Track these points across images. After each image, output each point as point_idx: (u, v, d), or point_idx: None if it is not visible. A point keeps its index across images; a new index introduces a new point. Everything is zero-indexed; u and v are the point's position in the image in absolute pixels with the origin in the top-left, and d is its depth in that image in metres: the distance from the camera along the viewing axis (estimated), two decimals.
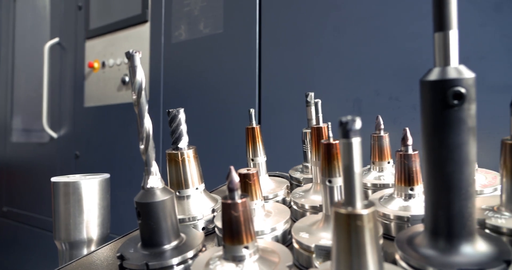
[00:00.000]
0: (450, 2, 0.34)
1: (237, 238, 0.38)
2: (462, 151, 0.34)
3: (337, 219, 0.30)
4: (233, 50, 1.26)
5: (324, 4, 1.06)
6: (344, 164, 0.30)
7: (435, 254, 0.37)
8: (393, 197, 0.53)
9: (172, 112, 0.57)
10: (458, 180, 0.35)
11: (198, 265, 0.40)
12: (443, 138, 0.34)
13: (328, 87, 1.05)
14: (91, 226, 0.74)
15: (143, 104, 0.44)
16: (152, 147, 0.45)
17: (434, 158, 0.35)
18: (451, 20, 0.34)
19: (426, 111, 0.35)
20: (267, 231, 0.50)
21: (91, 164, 1.86)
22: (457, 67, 0.35)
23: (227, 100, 1.28)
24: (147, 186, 0.45)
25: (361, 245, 0.30)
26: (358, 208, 0.30)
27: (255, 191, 0.52)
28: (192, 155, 0.60)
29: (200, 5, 1.35)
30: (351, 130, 0.29)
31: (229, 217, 0.38)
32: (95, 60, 1.79)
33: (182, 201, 0.59)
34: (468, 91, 0.33)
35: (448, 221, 0.36)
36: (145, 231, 0.45)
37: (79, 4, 1.88)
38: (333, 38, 1.05)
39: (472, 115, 0.34)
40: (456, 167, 0.34)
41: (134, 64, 0.43)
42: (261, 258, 0.39)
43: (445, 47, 0.35)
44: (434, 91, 0.34)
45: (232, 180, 0.38)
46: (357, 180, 0.30)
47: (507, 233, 0.43)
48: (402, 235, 0.41)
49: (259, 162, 0.67)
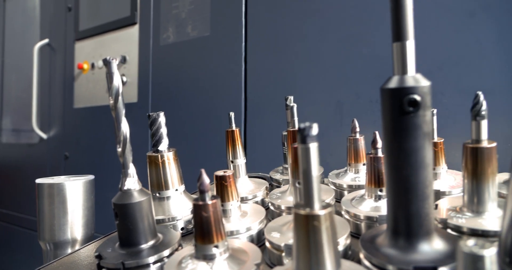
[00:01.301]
0: (407, 15, 0.36)
1: (207, 237, 0.40)
2: (418, 155, 0.36)
3: (296, 220, 0.32)
4: (220, 53, 1.27)
5: (307, 9, 1.08)
6: (302, 168, 0.32)
7: (395, 252, 0.39)
8: (364, 198, 0.55)
9: (152, 115, 0.59)
10: (414, 183, 0.37)
11: (171, 263, 0.42)
12: (400, 143, 0.36)
13: (311, 90, 1.07)
14: (75, 226, 0.76)
15: (120, 108, 0.46)
16: (129, 150, 0.47)
17: (393, 162, 0.37)
18: (407, 31, 0.36)
19: (385, 117, 0.37)
20: (242, 230, 0.52)
21: (80, 165, 1.87)
22: (414, 75, 0.37)
23: (214, 102, 1.30)
24: (124, 188, 0.47)
25: (318, 244, 0.32)
26: (316, 209, 0.32)
27: (231, 192, 0.54)
28: (172, 157, 0.61)
29: (187, 8, 1.36)
30: (309, 135, 0.31)
31: (200, 217, 0.39)
32: (84, 61, 1.80)
33: (162, 202, 0.61)
34: (423, 99, 0.35)
35: (407, 221, 0.38)
36: (123, 231, 0.47)
37: (69, 5, 1.89)
38: (316, 42, 1.07)
39: (428, 121, 0.36)
40: (413, 170, 0.36)
41: (111, 71, 0.44)
42: (231, 256, 0.41)
43: (402, 57, 0.37)
44: (392, 98, 0.36)
45: (203, 183, 0.39)
46: (314, 183, 0.32)
47: (467, 232, 0.45)
48: (366, 235, 0.43)
49: (238, 164, 0.69)
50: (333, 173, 0.73)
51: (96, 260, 0.47)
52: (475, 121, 0.46)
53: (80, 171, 1.79)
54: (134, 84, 1.57)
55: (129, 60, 1.59)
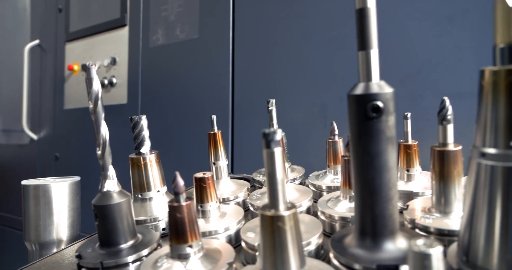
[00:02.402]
0: (371, 26, 0.38)
1: (182, 238, 0.41)
2: (381, 159, 0.38)
3: (262, 220, 0.34)
4: (207, 56, 1.29)
5: (293, 13, 1.10)
6: (267, 172, 0.33)
7: (361, 252, 0.40)
8: (339, 199, 0.57)
9: (134, 118, 0.60)
10: (378, 185, 0.38)
11: (147, 263, 0.43)
12: (364, 147, 0.38)
13: (296, 92, 1.09)
14: (61, 227, 0.77)
15: (100, 112, 0.47)
16: (108, 152, 0.48)
17: (358, 165, 0.39)
18: (371, 41, 0.38)
19: (351, 122, 0.39)
20: (220, 230, 0.54)
21: (71, 166, 1.87)
22: (378, 82, 0.39)
23: (202, 104, 1.31)
24: (103, 189, 0.48)
25: (283, 243, 0.33)
26: (281, 210, 0.33)
27: (210, 193, 0.55)
28: (154, 159, 0.63)
29: (176, 11, 1.38)
30: (273, 140, 0.33)
31: (174, 218, 0.41)
32: (74, 62, 1.81)
33: (145, 203, 0.62)
34: (385, 105, 0.37)
35: (372, 222, 0.40)
36: (102, 231, 0.48)
37: (59, 6, 1.90)
38: (301, 46, 1.09)
39: (391, 126, 0.38)
40: (377, 173, 0.38)
41: (91, 76, 0.45)
42: (205, 255, 0.43)
43: (367, 65, 0.39)
44: (357, 104, 0.38)
45: (177, 185, 0.41)
46: (279, 185, 0.33)
47: (434, 232, 0.47)
48: (337, 235, 0.45)
49: (220, 166, 0.71)
50: (313, 174, 0.75)
51: (77, 260, 0.48)
52: (441, 125, 0.48)
53: (71, 172, 1.80)
54: (123, 86, 1.58)
55: (119, 62, 1.60)
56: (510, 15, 0.31)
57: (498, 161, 0.32)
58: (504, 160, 0.32)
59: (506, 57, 0.32)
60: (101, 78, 1.67)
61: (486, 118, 0.33)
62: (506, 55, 0.32)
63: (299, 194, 0.63)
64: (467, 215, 0.36)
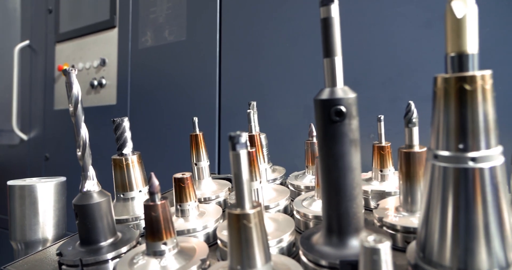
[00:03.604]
0: (335, 34, 0.40)
1: (157, 235, 0.43)
2: (345, 160, 0.40)
3: (229, 218, 0.36)
4: (195, 57, 1.31)
5: (278, 17, 1.12)
6: (233, 173, 0.35)
7: (328, 248, 0.42)
8: (314, 198, 0.59)
9: (116, 120, 0.62)
10: (343, 185, 0.41)
11: (124, 260, 0.45)
12: (329, 149, 0.40)
13: (282, 94, 1.11)
14: (46, 226, 0.78)
15: (80, 115, 0.49)
16: (88, 153, 0.50)
17: (324, 166, 0.41)
18: (336, 49, 0.40)
19: (317, 125, 0.41)
20: (199, 229, 0.56)
21: (61, 166, 1.88)
22: (342, 88, 0.41)
23: (190, 105, 1.33)
24: (84, 189, 0.50)
25: (248, 240, 0.35)
26: (246, 209, 0.35)
27: (189, 193, 0.57)
28: (136, 160, 0.64)
29: (165, 13, 1.39)
30: (238, 143, 0.35)
31: (150, 217, 0.43)
32: (64, 63, 1.81)
33: (127, 203, 0.64)
34: (348, 109, 0.39)
35: (338, 220, 0.42)
36: (82, 230, 0.50)
37: (49, 7, 1.90)
38: (286, 48, 1.11)
39: (354, 129, 0.40)
40: (341, 173, 0.40)
41: (71, 80, 0.47)
42: (180, 252, 0.44)
43: (332, 71, 0.41)
44: (322, 108, 0.40)
45: (152, 185, 0.43)
46: (245, 185, 0.35)
47: (400, 230, 0.49)
48: (306, 233, 0.47)
49: (202, 166, 0.72)
50: (293, 175, 0.77)
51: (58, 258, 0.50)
52: (407, 128, 0.50)
53: (60, 172, 1.80)
54: (113, 87, 1.59)
55: (108, 63, 1.62)
56: (458, 26, 0.34)
57: (450, 163, 0.34)
58: (455, 162, 0.34)
59: (456, 65, 0.34)
60: (91, 79, 1.68)
61: (439, 122, 0.35)
62: (456, 63, 0.34)
63: (277, 194, 0.65)
64: (423, 213, 0.38)
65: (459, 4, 0.33)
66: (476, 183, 0.34)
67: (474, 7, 0.34)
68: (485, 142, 0.34)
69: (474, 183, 0.34)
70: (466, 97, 0.33)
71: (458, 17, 0.33)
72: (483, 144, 0.34)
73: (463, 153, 0.34)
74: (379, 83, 0.96)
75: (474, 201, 0.34)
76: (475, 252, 0.34)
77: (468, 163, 0.33)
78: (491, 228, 0.34)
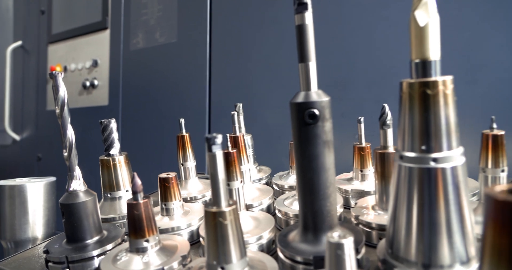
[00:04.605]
0: (309, 41, 0.42)
1: (139, 233, 0.45)
2: (318, 161, 0.42)
3: (206, 216, 0.38)
4: (186, 59, 1.32)
5: (267, 19, 1.14)
6: (210, 173, 0.37)
7: (304, 245, 0.44)
8: (295, 198, 0.61)
9: (103, 122, 0.64)
10: (317, 184, 0.42)
11: (108, 256, 0.47)
12: (303, 150, 0.42)
13: (270, 95, 1.13)
14: (36, 226, 0.80)
15: (66, 117, 0.50)
16: (74, 154, 0.51)
17: (299, 167, 0.43)
18: (310, 54, 0.42)
19: (292, 127, 0.43)
20: (183, 227, 0.57)
21: (53, 166, 1.89)
22: (316, 91, 0.43)
23: (180, 106, 1.35)
24: (70, 189, 0.51)
25: (224, 236, 0.37)
26: (222, 207, 0.37)
27: (174, 192, 0.59)
28: (123, 160, 0.66)
29: (156, 15, 1.41)
30: (214, 144, 0.36)
31: (132, 215, 0.45)
32: (57, 64, 1.82)
33: (114, 202, 0.65)
34: (321, 112, 0.41)
35: (312, 218, 0.44)
36: (69, 228, 0.52)
37: (42, 8, 1.91)
38: (275, 50, 1.13)
39: (327, 131, 0.42)
40: (315, 173, 0.42)
41: (57, 83, 0.49)
42: (162, 249, 0.46)
43: (306, 75, 0.43)
44: (296, 111, 0.42)
45: (135, 184, 0.44)
46: (221, 184, 0.37)
47: (375, 228, 0.51)
48: (284, 231, 0.49)
49: (188, 166, 0.74)
50: (278, 174, 0.79)
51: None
52: (382, 129, 0.52)
53: (53, 172, 1.81)
54: (105, 87, 1.60)
55: (100, 64, 1.63)
56: (421, 34, 0.36)
57: (414, 163, 0.36)
58: (418, 162, 0.36)
59: (420, 70, 0.36)
60: (83, 80, 1.69)
61: (404, 125, 0.37)
62: (420, 69, 0.36)
63: (260, 193, 0.67)
64: (391, 211, 0.40)
65: (422, 13, 0.35)
66: (439, 182, 0.36)
67: (436, 16, 0.36)
68: (446, 143, 0.36)
69: (437, 182, 0.36)
70: (429, 101, 0.35)
71: (421, 25, 0.35)
72: (445, 146, 0.36)
73: (426, 154, 0.36)
74: (364, 85, 0.99)
75: (436, 200, 0.36)
76: (438, 248, 0.36)
77: (430, 163, 0.35)
78: (452, 225, 0.36)
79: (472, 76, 0.83)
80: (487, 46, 0.82)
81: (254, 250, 0.50)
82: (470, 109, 0.84)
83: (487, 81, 0.82)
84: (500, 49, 0.81)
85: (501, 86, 0.81)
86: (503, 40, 0.81)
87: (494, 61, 0.82)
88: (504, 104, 0.81)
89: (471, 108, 0.83)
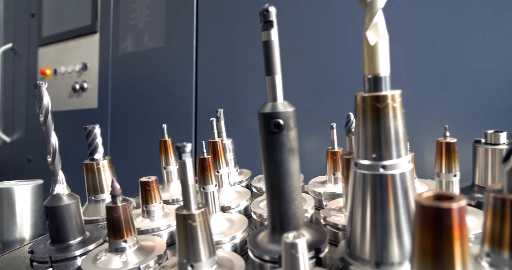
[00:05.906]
0: (275, 55, 0.45)
1: (118, 234, 0.48)
2: (283, 167, 0.45)
3: (177, 219, 0.41)
4: (173, 63, 1.35)
5: (253, 24, 1.17)
6: (180, 178, 0.40)
7: (271, 245, 0.48)
8: None
9: (88, 127, 0.67)
10: (282, 188, 0.46)
11: (89, 256, 0.50)
12: (270, 157, 0.45)
13: (257, 100, 1.16)
14: (24, 227, 0.82)
15: (50, 125, 0.53)
16: (58, 159, 0.54)
17: (266, 172, 0.47)
18: (276, 68, 0.46)
19: (260, 136, 0.46)
20: (163, 228, 0.60)
21: (43, 168, 1.91)
22: (282, 102, 0.46)
23: (167, 110, 1.37)
24: (54, 192, 0.54)
25: (194, 237, 0.40)
26: (192, 210, 0.40)
27: (154, 195, 0.62)
28: (107, 164, 0.69)
29: (144, 20, 1.44)
30: (184, 152, 0.40)
31: (111, 217, 0.48)
32: (47, 67, 1.84)
33: (98, 204, 0.68)
34: (285, 122, 0.45)
35: (279, 220, 0.47)
36: (53, 230, 0.55)
37: (32, 11, 1.93)
38: (260, 56, 1.16)
39: (292, 139, 0.45)
40: (280, 178, 0.46)
41: (41, 93, 0.52)
42: (139, 249, 0.49)
43: (273, 88, 0.46)
44: (263, 121, 0.45)
45: (114, 188, 0.48)
46: (190, 189, 0.40)
47: (341, 228, 0.55)
48: (255, 232, 0.52)
49: (171, 170, 0.77)
50: (257, 177, 0.82)
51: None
52: (347, 136, 0.55)
53: (43, 174, 1.83)
54: (94, 91, 1.63)
55: (90, 67, 1.65)
56: (372, 52, 0.39)
57: (367, 170, 0.40)
58: (370, 169, 0.40)
59: (372, 85, 0.40)
60: (73, 83, 1.71)
61: (359, 135, 0.41)
62: (372, 84, 0.40)
63: (238, 195, 0.70)
64: (348, 214, 0.43)
65: (372, 33, 0.39)
66: (389, 187, 0.39)
67: (385, 35, 0.39)
68: (395, 152, 0.39)
69: (387, 187, 0.39)
70: (379, 113, 0.39)
71: (371, 44, 0.39)
72: (394, 154, 0.39)
73: (376, 161, 0.39)
74: (344, 91, 1.02)
75: (387, 203, 0.39)
76: (389, 247, 0.40)
77: (380, 170, 0.39)
78: (402, 226, 0.39)
79: (444, 83, 0.87)
80: (459, 53, 0.86)
81: (228, 249, 0.53)
82: (443, 116, 0.88)
83: (459, 88, 0.86)
84: (472, 57, 0.85)
85: (473, 93, 0.85)
86: (475, 48, 0.85)
87: (466, 68, 0.86)
88: (475, 111, 0.85)
89: (443, 115, 0.87)
